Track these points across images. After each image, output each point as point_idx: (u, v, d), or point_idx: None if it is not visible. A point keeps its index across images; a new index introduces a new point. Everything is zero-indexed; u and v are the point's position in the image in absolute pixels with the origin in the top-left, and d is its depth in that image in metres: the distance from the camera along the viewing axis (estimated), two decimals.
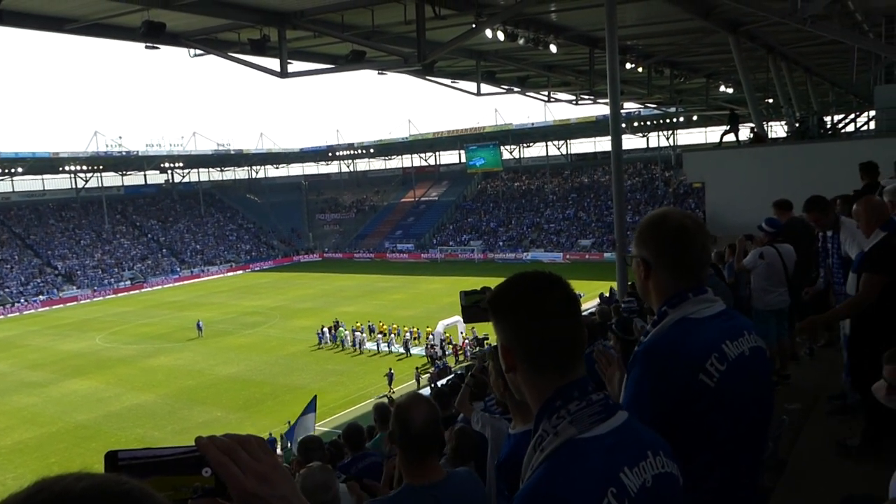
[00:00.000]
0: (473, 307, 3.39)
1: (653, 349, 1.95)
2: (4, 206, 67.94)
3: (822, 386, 6.52)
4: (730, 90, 29.38)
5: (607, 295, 23.99)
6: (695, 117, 54.98)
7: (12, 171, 64.41)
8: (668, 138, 69.11)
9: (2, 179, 65.49)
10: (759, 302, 7.29)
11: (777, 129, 35.49)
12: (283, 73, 16.51)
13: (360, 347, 35.50)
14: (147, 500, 0.76)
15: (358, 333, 36.32)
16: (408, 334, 35.35)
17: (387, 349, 35.29)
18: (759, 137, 20.09)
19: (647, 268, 2.01)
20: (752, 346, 1.97)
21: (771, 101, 28.51)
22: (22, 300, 56.28)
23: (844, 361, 5.27)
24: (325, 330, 37.44)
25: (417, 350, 34.37)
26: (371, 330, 37.41)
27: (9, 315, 53.69)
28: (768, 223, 7.42)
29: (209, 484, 0.89)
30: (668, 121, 62.58)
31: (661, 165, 68.77)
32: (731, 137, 21.56)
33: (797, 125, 21.09)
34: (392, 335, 36.25)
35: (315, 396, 18.87)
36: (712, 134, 57.35)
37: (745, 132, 21.60)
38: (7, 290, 57.10)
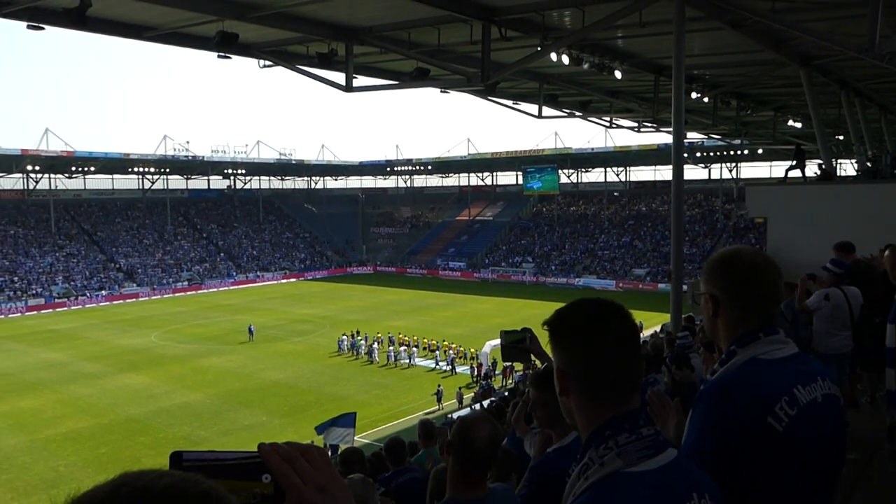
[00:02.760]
0: (512, 346, 3.38)
1: (720, 388, 1.89)
2: (76, 203, 70.80)
3: (882, 435, 6.24)
4: (798, 125, 28.61)
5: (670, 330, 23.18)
6: (760, 150, 53.53)
7: (85, 169, 67.14)
8: (730, 170, 67.53)
9: (76, 176, 68.30)
10: (821, 345, 7.05)
11: (846, 167, 34.38)
12: (349, 88, 16.85)
13: (371, 357, 35.83)
14: (223, 501, 0.79)
15: (375, 345, 36.65)
16: (415, 348, 35.68)
17: (394, 360, 35.41)
18: (827, 175, 19.46)
19: (717, 305, 1.97)
20: (825, 392, 1.89)
21: (841, 137, 27.64)
22: (86, 294, 58.44)
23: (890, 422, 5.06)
24: (345, 338, 38.14)
25: (425, 363, 34.68)
26: (391, 341, 37.60)
27: (72, 308, 55.81)
28: (835, 264, 7.18)
29: (268, 490, 0.90)
30: (731, 153, 61.08)
31: (723, 198, 67.25)
32: (796, 173, 20.97)
33: (868, 164, 20.33)
34: (402, 348, 36.24)
35: (355, 413, 18.68)
36: (777, 168, 55.66)
37: (812, 168, 20.95)
38: (73, 283, 59.38)
